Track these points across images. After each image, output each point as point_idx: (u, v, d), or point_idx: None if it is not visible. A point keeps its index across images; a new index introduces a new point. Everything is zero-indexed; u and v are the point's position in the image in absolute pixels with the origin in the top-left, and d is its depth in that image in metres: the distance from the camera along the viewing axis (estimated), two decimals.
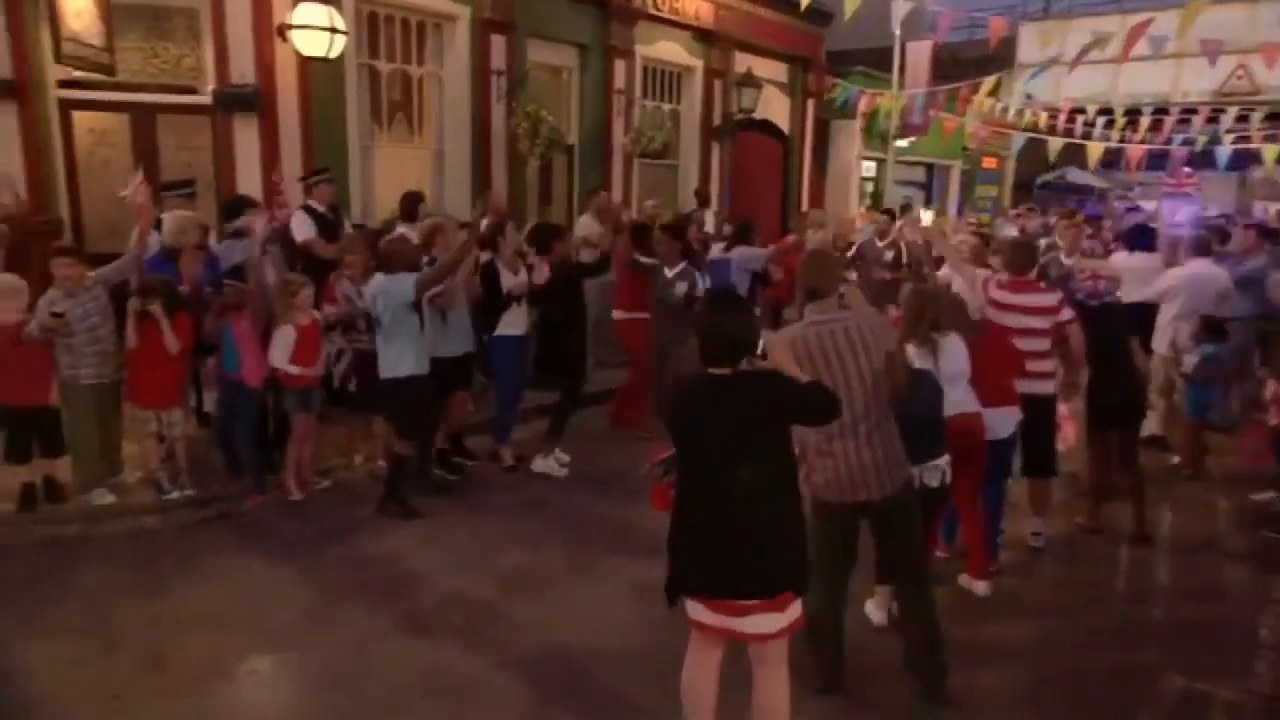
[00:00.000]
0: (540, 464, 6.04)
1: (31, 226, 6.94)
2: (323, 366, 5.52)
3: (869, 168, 16.43)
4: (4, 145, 7.14)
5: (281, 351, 5.22)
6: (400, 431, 5.26)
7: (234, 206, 6.31)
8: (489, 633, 3.98)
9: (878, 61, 14.67)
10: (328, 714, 3.40)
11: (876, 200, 15.38)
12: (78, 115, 7.47)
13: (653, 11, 10.99)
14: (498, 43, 9.24)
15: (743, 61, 12.46)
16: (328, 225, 6.77)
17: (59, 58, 6.52)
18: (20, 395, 4.94)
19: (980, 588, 4.37)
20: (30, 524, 4.92)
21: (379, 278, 5.18)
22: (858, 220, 12.25)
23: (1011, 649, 3.95)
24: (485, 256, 6.03)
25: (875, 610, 4.05)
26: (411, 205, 7.37)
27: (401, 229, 7.34)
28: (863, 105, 14.02)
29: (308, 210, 6.69)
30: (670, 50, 11.65)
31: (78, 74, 7.18)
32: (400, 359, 5.12)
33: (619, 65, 10.74)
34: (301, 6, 7.17)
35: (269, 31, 7.40)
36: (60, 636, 3.84)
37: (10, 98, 7.08)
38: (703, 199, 11.33)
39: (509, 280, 5.91)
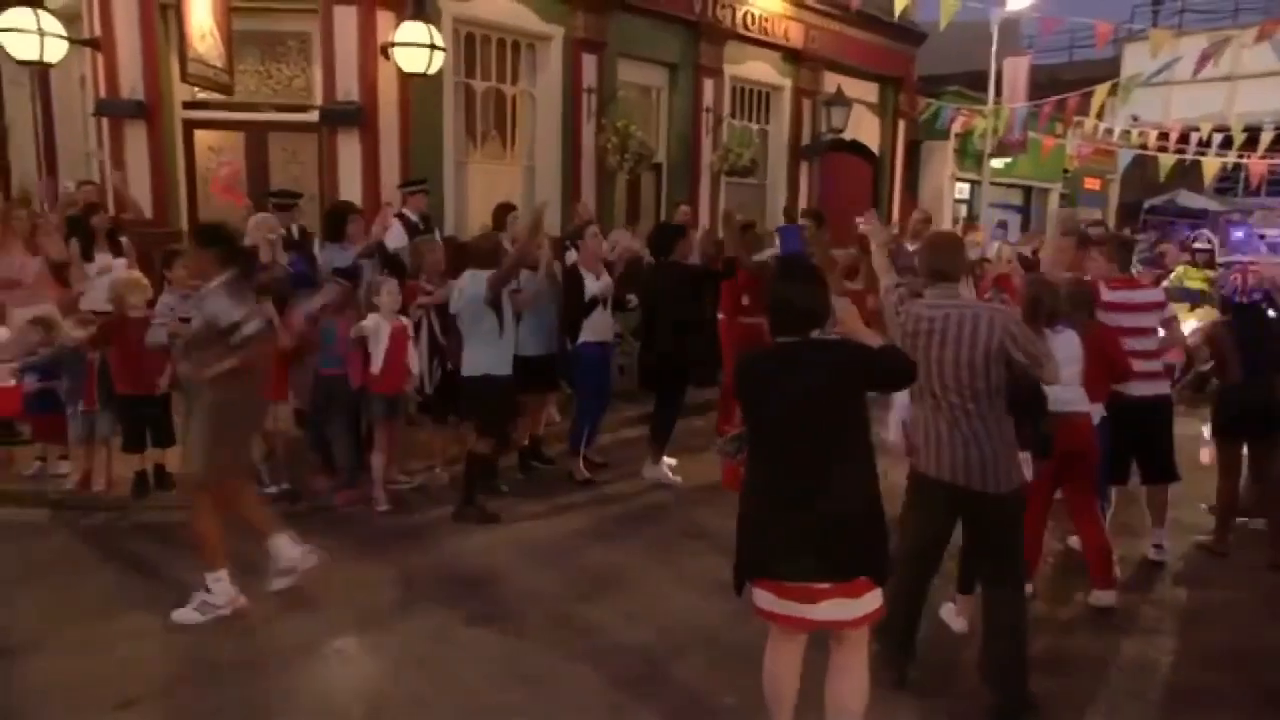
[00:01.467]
0: (650, 471, 6.01)
1: (155, 236, 7.43)
2: (414, 377, 5.62)
3: (963, 190, 16.02)
4: (135, 161, 7.71)
5: (375, 353, 5.36)
6: (480, 430, 5.33)
7: (338, 214, 6.57)
8: (568, 626, 3.97)
9: (972, 83, 14.36)
10: (407, 693, 3.44)
11: (971, 222, 14.96)
12: (199, 134, 7.98)
13: (742, 31, 11.05)
14: (589, 62, 9.45)
15: (832, 81, 12.37)
16: (418, 234, 6.97)
17: (185, 76, 6.98)
18: (137, 386, 5.24)
19: (1107, 598, 4.10)
20: (142, 508, 5.20)
21: (463, 275, 5.30)
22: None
23: (1097, 661, 3.71)
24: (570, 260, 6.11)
25: (954, 617, 3.85)
26: (502, 215, 7.56)
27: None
28: (957, 125, 13.72)
29: (401, 218, 6.93)
30: (759, 70, 11.68)
31: (200, 95, 7.70)
32: (477, 358, 5.21)
33: (708, 84, 10.82)
34: (404, 25, 7.49)
35: (373, 51, 7.76)
36: (162, 609, 4.00)
37: (142, 118, 7.64)
38: (792, 217, 11.23)
39: (592, 285, 5.96)
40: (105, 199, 7.21)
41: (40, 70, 7.67)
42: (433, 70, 7.64)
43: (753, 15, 11.12)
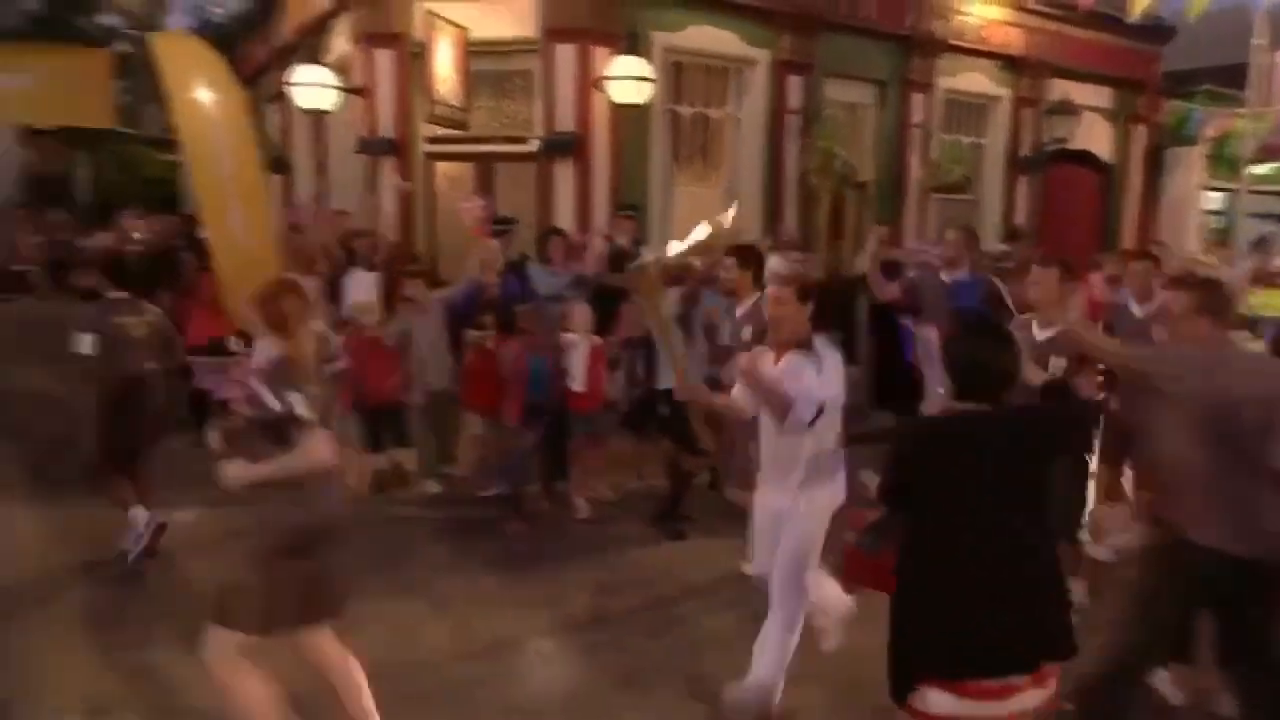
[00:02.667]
0: None
1: (400, 261, 8.41)
2: (611, 393, 6.00)
3: (1214, 200, 14.36)
4: (386, 191, 8.76)
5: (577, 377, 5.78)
6: (681, 444, 5.59)
7: (543, 237, 7.09)
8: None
9: (1229, 79, 12.85)
10: (594, 694, 3.76)
11: (1223, 236, 13.40)
12: (439, 165, 8.93)
13: (957, 42, 10.66)
14: (794, 83, 9.53)
15: (1057, 89, 11.59)
16: (626, 259, 7.39)
17: (430, 118, 7.88)
18: (376, 394, 6.00)
19: None
20: (380, 505, 5.95)
21: None
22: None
23: None
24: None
25: (1173, 689, 3.58)
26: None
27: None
28: (1210, 129, 12.37)
29: (609, 241, 7.39)
30: (974, 80, 11.19)
31: (439, 131, 8.62)
32: (669, 372, 5.47)
33: (917, 99, 10.54)
34: (618, 60, 7.98)
35: (589, 85, 8.32)
36: (391, 599, 4.58)
37: (392, 153, 8.67)
38: (1012, 234, 10.64)
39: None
40: (367, 227, 8.26)
41: (317, 115, 8.93)
42: (643, 100, 8.08)
43: (969, 24, 10.69)
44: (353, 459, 6.21)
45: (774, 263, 7.83)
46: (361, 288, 7.45)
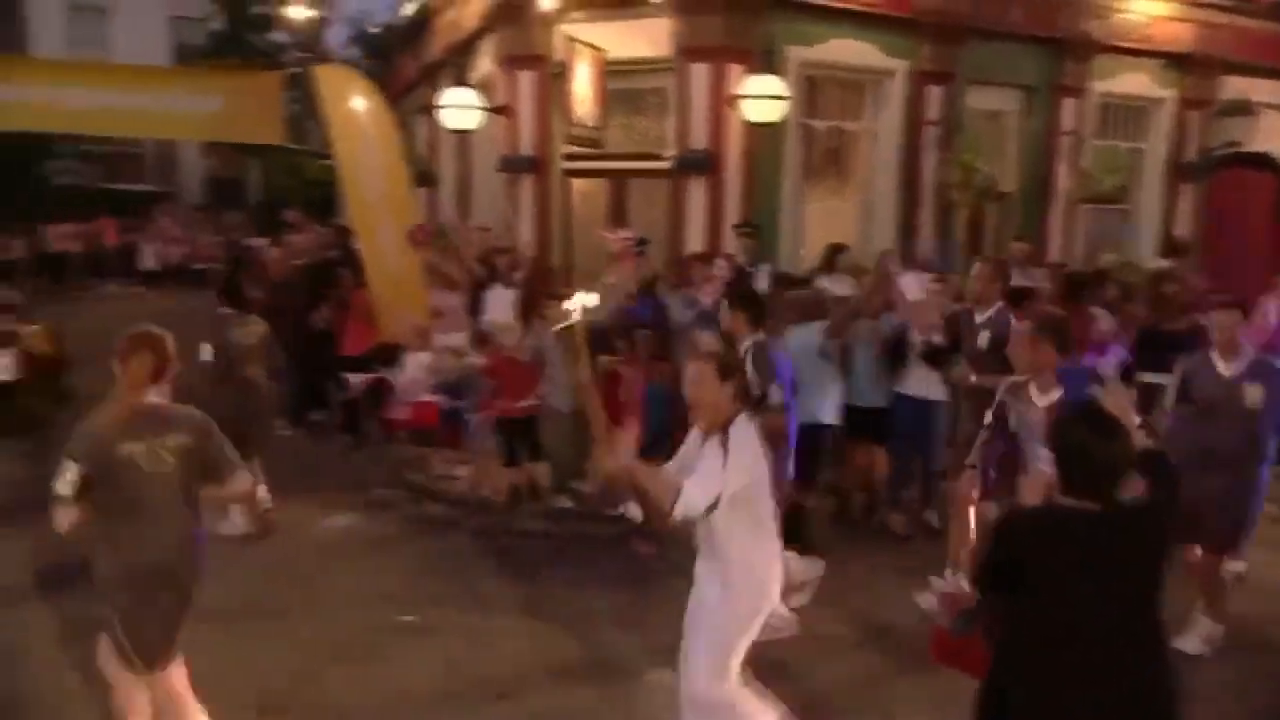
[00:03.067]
0: None
1: (536, 274, 8.78)
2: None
3: None
4: (524, 207, 9.16)
5: None
6: (800, 480, 5.62)
7: (685, 262, 7.23)
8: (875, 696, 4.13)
9: None
10: None
11: None
12: (575, 182, 9.24)
13: (1116, 42, 10.03)
14: (933, 93, 9.26)
15: (1230, 86, 10.71)
16: (744, 276, 7.43)
17: (568, 139, 8.18)
18: (512, 408, 6.32)
19: None
20: (513, 516, 6.28)
21: (796, 329, 5.62)
22: None
23: None
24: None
25: None
26: (830, 257, 7.78)
27: (822, 281, 7.80)
28: None
29: (729, 260, 7.43)
30: (1134, 82, 10.50)
31: (575, 149, 8.91)
32: (806, 405, 5.50)
33: (1068, 104, 10.00)
34: (752, 79, 8.02)
35: (722, 103, 8.39)
36: (521, 615, 4.85)
37: (532, 171, 9.05)
38: (1173, 248, 9.95)
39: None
40: (506, 242, 8.68)
41: (462, 135, 9.43)
42: (776, 119, 8.08)
43: (1130, 22, 10.04)
44: (490, 470, 6.61)
45: (908, 282, 7.71)
46: (501, 304, 7.84)
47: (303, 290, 8.16)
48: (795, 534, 5.61)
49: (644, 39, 8.61)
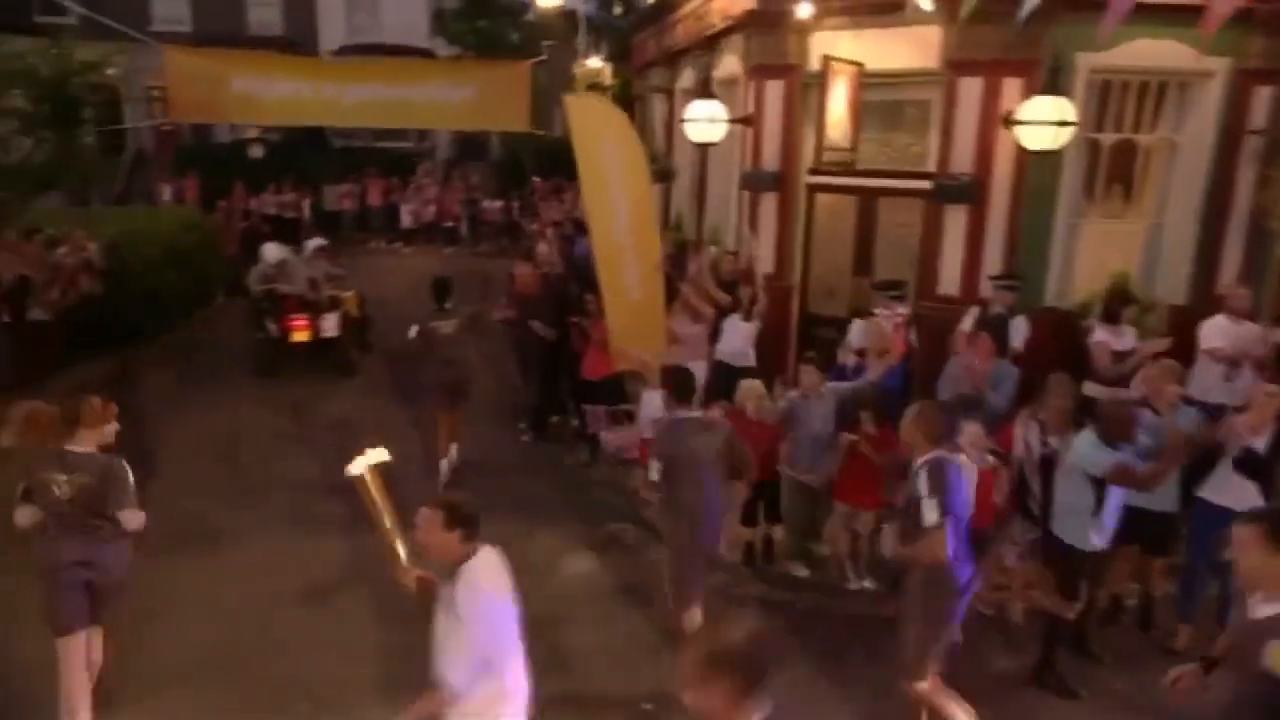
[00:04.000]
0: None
1: (775, 290, 8.57)
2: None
3: None
4: (765, 223, 8.90)
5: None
6: (1060, 590, 5.14)
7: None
8: None
9: None
10: None
11: None
12: (819, 197, 8.82)
13: None
14: (1261, 96, 7.78)
15: None
16: (995, 327, 6.79)
17: (818, 163, 7.79)
18: (756, 471, 6.26)
19: None
20: (746, 576, 6.30)
21: (1081, 437, 5.01)
22: None
23: None
24: None
25: None
26: (1116, 306, 6.92)
27: (1100, 334, 6.97)
28: None
29: (983, 306, 6.83)
30: None
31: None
32: (1067, 522, 4.97)
33: None
34: (1032, 101, 7.13)
35: (994, 121, 7.55)
36: None
37: (775, 187, 8.73)
38: None
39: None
40: (744, 264, 8.51)
41: (703, 147, 9.26)
42: (1057, 147, 7.17)
43: None
44: (729, 526, 6.64)
45: (1214, 327, 6.71)
46: (737, 337, 7.76)
47: (549, 311, 8.51)
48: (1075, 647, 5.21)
49: (908, 48, 7.89)
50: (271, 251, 11.26)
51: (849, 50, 7.97)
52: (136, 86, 26.36)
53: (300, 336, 10.42)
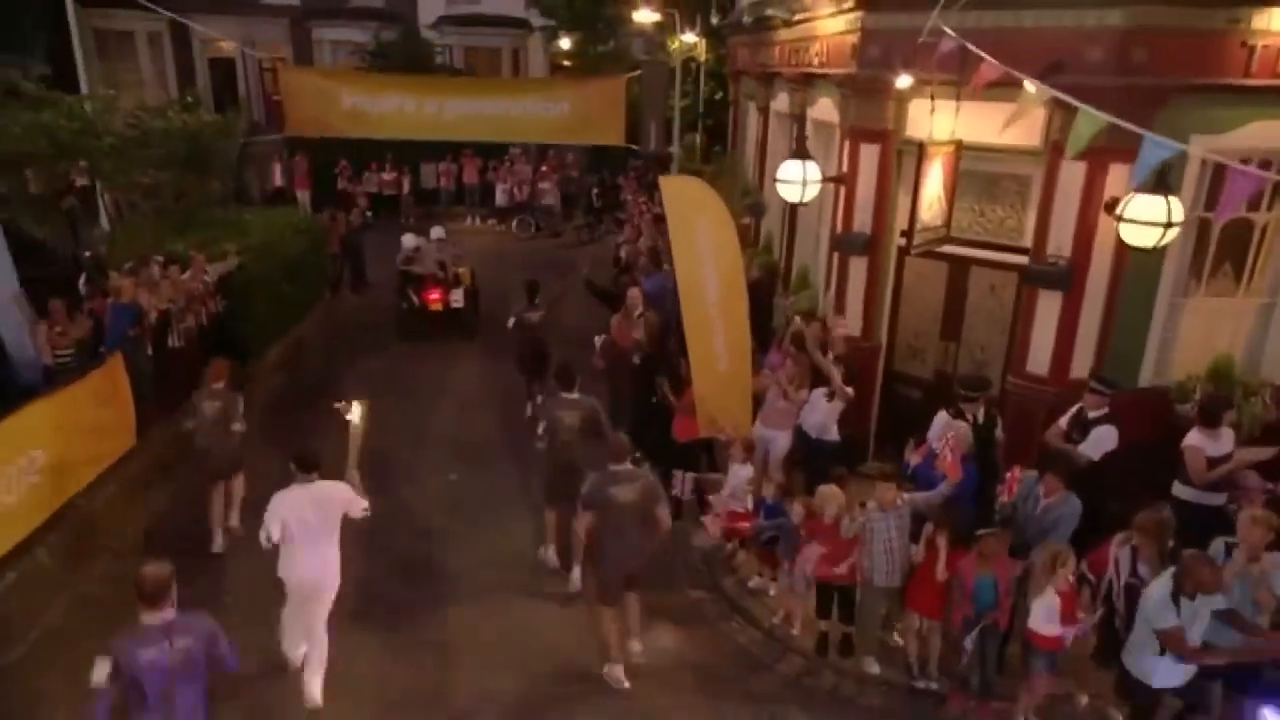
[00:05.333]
0: None
1: (858, 352, 8.69)
2: (1081, 630, 5.77)
3: None
4: (854, 286, 8.96)
5: (1044, 617, 5.65)
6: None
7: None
8: None
9: None
10: None
11: None
12: (910, 260, 8.80)
13: None
14: None
15: None
16: (1085, 433, 6.74)
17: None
18: (830, 574, 6.53)
19: None
20: (819, 666, 6.65)
21: (1158, 584, 5.11)
22: None
23: None
24: None
25: None
26: (1215, 409, 6.79)
27: (1196, 437, 6.85)
28: None
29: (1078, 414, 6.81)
30: None
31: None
32: (1138, 656, 5.13)
33: None
34: (1137, 198, 6.92)
35: (1096, 206, 7.38)
36: None
37: (866, 251, 8.76)
38: None
39: None
40: (826, 332, 8.62)
41: (793, 206, 9.31)
42: (1161, 245, 6.98)
43: None
44: (798, 611, 6.99)
45: None
46: (821, 412, 7.96)
47: (641, 376, 8.88)
48: None
49: (1012, 127, 7.70)
50: (408, 240, 14.08)
51: (948, 120, 7.84)
52: (249, 58, 27.46)
53: (436, 307, 13.26)
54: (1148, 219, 6.88)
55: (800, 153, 8.55)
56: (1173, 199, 6.87)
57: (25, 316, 8.71)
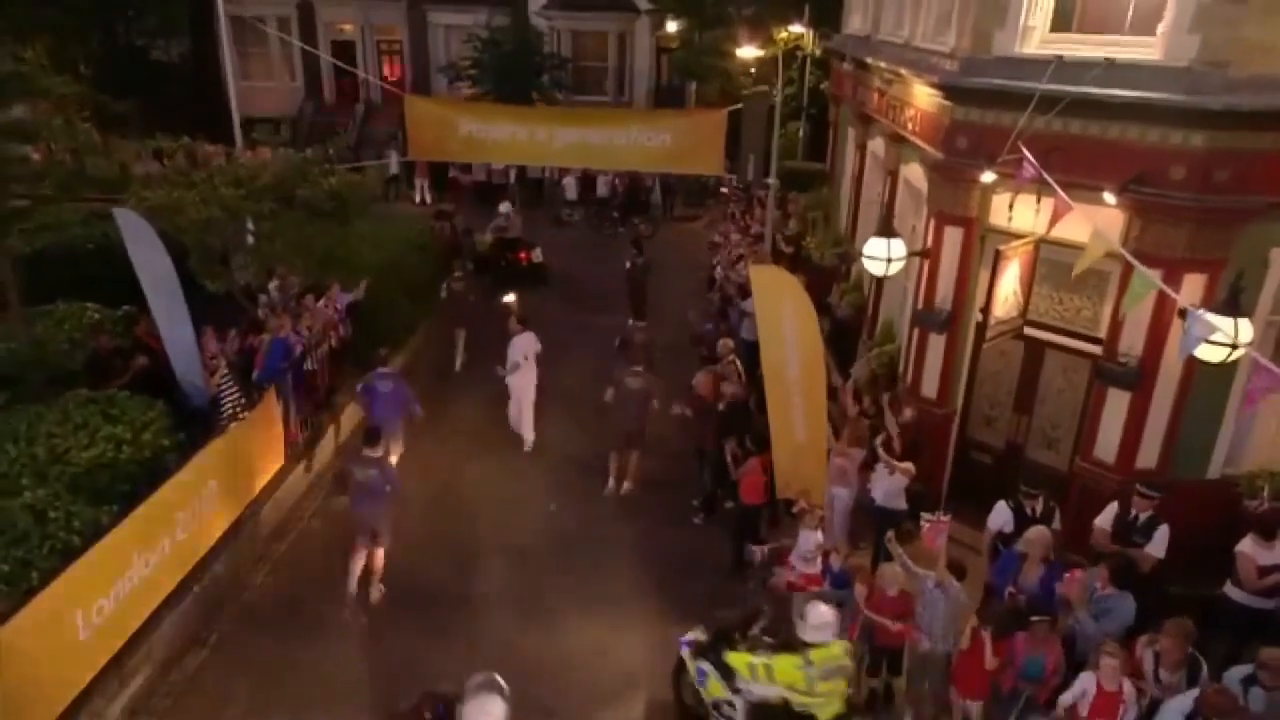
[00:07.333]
0: None
1: (931, 417, 9.24)
2: None
3: None
4: (933, 355, 9.46)
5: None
6: None
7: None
8: None
9: None
10: None
11: None
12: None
13: None
14: None
15: None
16: (1134, 530, 7.20)
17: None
18: (884, 634, 7.28)
19: None
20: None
21: (1173, 705, 5.68)
22: None
23: None
24: None
25: None
26: (1272, 526, 7.09)
27: (1249, 545, 7.18)
28: None
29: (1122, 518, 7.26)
30: None
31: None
32: None
33: None
34: (1205, 316, 7.19)
35: (1169, 310, 7.63)
36: None
37: (945, 329, 9.23)
38: None
39: None
40: (895, 404, 9.18)
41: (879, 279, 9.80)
42: (1230, 361, 7.26)
43: None
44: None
45: None
46: (888, 482, 8.63)
47: (725, 424, 9.66)
48: None
49: (1091, 222, 8.00)
50: (505, 206, 19.07)
51: (1030, 212, 8.17)
52: (369, 40, 28.79)
53: (523, 261, 17.99)
54: (1217, 338, 7.18)
55: (886, 230, 9.02)
56: (1241, 320, 7.14)
57: (197, 355, 10.13)
